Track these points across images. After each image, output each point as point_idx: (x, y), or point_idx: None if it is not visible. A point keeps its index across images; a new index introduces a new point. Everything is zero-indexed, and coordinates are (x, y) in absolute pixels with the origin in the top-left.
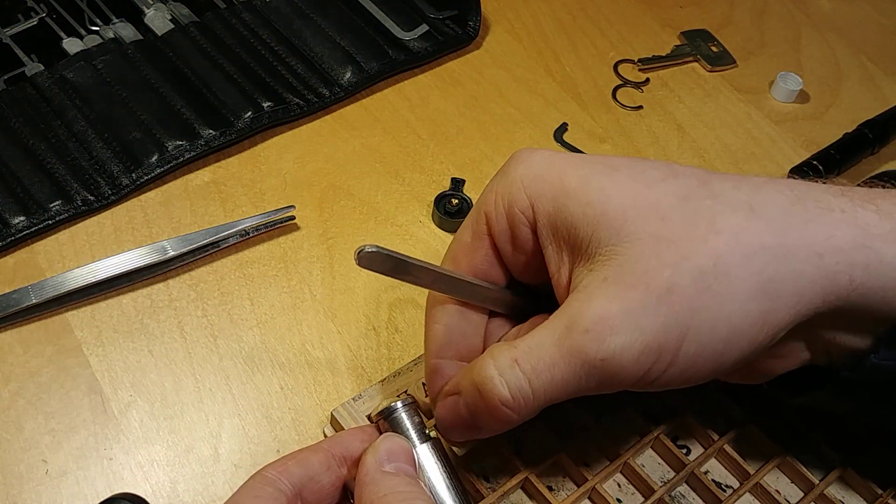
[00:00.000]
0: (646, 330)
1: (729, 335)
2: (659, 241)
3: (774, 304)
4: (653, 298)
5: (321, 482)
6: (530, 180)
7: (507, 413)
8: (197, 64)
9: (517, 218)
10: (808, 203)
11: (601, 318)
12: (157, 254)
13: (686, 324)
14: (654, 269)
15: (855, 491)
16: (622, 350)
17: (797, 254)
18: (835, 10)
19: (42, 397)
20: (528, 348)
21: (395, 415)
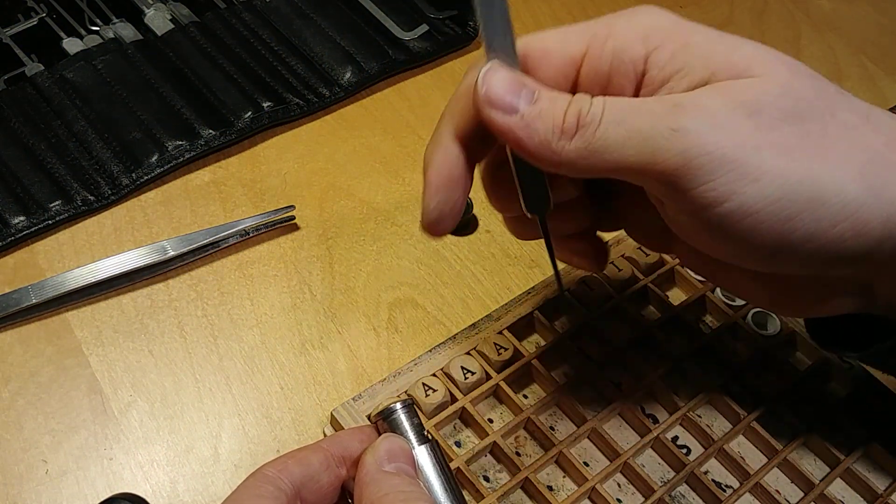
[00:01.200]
0: (732, 135)
1: (814, 199)
2: (785, 88)
3: (871, 201)
4: (751, 121)
5: (320, 482)
6: (653, 30)
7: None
8: (197, 64)
9: (624, 67)
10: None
11: (694, 101)
12: (157, 254)
13: (775, 163)
14: (767, 104)
15: (855, 490)
16: (699, 133)
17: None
18: (835, 10)
19: (42, 397)
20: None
21: (394, 416)
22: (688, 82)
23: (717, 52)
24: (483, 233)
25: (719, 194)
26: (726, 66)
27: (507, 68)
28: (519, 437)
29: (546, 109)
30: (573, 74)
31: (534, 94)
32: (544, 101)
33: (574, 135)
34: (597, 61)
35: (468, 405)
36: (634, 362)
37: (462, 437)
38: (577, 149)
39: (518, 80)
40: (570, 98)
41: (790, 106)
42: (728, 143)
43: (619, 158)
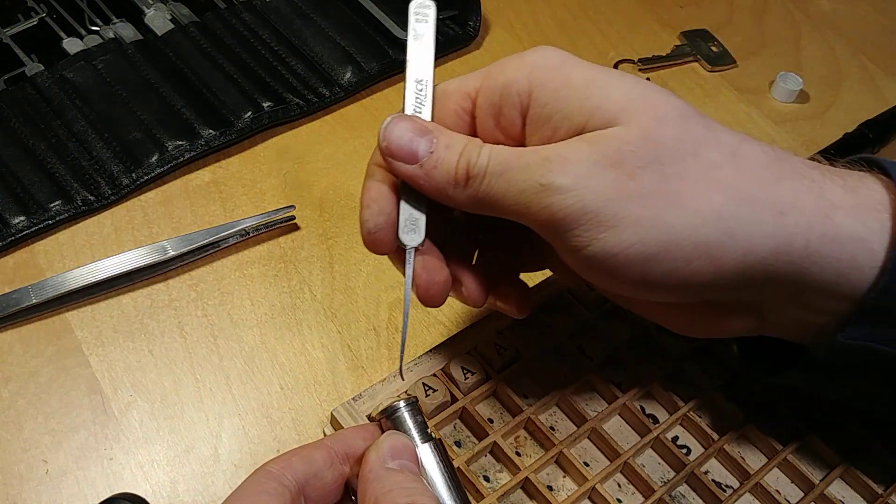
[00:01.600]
0: (591, 190)
1: (668, 243)
2: (646, 139)
3: (725, 240)
4: (614, 172)
5: (324, 479)
6: (538, 69)
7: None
8: (197, 64)
9: (511, 99)
10: (784, 166)
11: (560, 156)
12: (157, 254)
13: (631, 210)
14: (628, 154)
15: (855, 490)
16: (561, 189)
17: (761, 205)
18: (835, 10)
19: (42, 397)
20: (502, 149)
21: (397, 414)
22: (567, 126)
23: (592, 97)
24: None
25: (582, 241)
26: (598, 113)
27: (406, 119)
28: (519, 437)
29: (442, 159)
30: (470, 107)
31: (433, 141)
32: (441, 149)
33: (465, 184)
34: (489, 93)
35: (468, 405)
36: (634, 362)
37: (462, 437)
38: (468, 196)
39: (419, 127)
40: (463, 144)
41: (650, 153)
42: (588, 196)
43: (502, 207)
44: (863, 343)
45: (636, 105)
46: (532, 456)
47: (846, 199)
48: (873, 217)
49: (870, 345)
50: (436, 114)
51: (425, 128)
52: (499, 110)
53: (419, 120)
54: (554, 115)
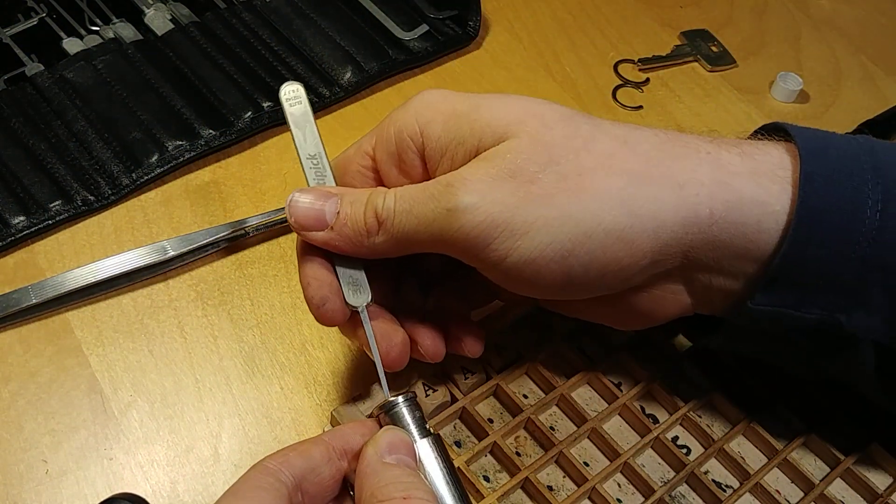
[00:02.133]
0: (496, 202)
1: (580, 236)
2: (536, 143)
3: (632, 222)
4: (514, 182)
5: (322, 474)
6: (423, 109)
7: (372, 223)
8: (197, 64)
9: (406, 143)
10: (677, 144)
11: (461, 178)
12: (157, 254)
13: (538, 213)
14: (523, 161)
15: (855, 490)
16: (468, 209)
17: (659, 182)
18: (835, 9)
19: (42, 397)
20: (404, 188)
21: (395, 409)
22: (463, 151)
23: (480, 118)
24: None
25: (500, 254)
26: (489, 130)
27: (308, 190)
28: (519, 437)
29: (350, 214)
30: (372, 164)
31: (337, 202)
32: (346, 206)
33: (378, 230)
34: (385, 145)
35: (468, 405)
36: (634, 362)
37: (462, 437)
38: (385, 241)
39: (320, 193)
40: (367, 195)
41: (544, 156)
42: (495, 209)
43: (419, 241)
44: (772, 308)
45: (522, 116)
46: (532, 456)
47: (743, 164)
48: (771, 180)
49: (779, 310)
50: (340, 180)
51: (328, 192)
52: (398, 158)
53: (320, 188)
54: (448, 145)
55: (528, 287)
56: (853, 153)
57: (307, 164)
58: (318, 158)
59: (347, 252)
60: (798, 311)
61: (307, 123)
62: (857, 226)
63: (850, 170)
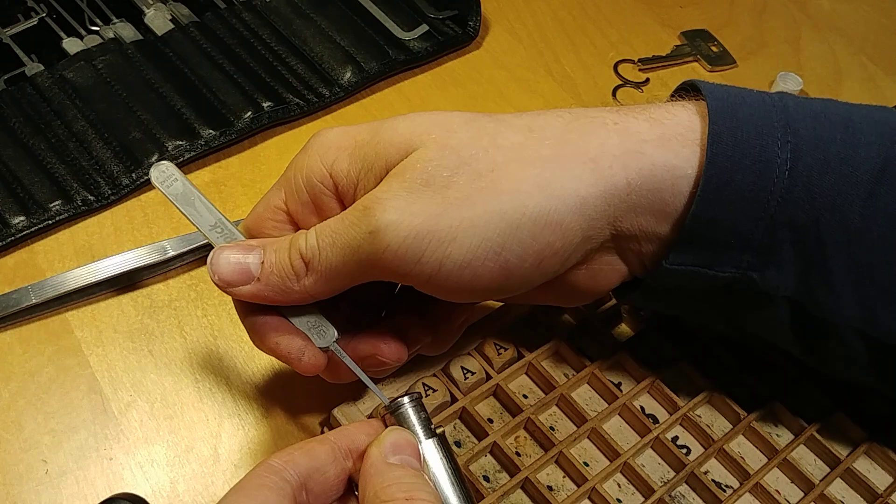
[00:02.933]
0: (417, 214)
1: (507, 229)
2: (443, 148)
3: (555, 204)
4: (429, 190)
5: (326, 474)
6: (326, 149)
7: (299, 264)
8: (197, 64)
9: (318, 189)
10: (583, 120)
11: (377, 198)
12: (157, 254)
13: (462, 216)
14: (434, 169)
15: (855, 490)
16: (390, 227)
17: (572, 161)
18: (835, 9)
19: (42, 397)
20: (324, 223)
21: (401, 409)
22: (373, 176)
23: (383, 140)
24: None
25: (433, 265)
26: (394, 149)
27: (227, 247)
28: (519, 437)
29: (275, 262)
30: (286, 216)
31: (260, 252)
32: (270, 254)
33: (306, 272)
34: (297, 195)
35: (468, 405)
36: (634, 362)
37: (462, 438)
38: (315, 281)
39: (241, 247)
40: (289, 239)
41: (453, 160)
42: (416, 222)
43: (346, 273)
44: (685, 268)
45: (424, 128)
46: (532, 456)
47: (651, 131)
48: (681, 143)
49: (693, 269)
50: (258, 237)
51: (248, 245)
52: (314, 206)
53: (240, 242)
54: (359, 175)
55: (469, 293)
56: (765, 111)
57: (212, 235)
58: (220, 226)
59: (278, 302)
60: (712, 270)
61: (193, 198)
62: (766, 185)
63: (759, 128)
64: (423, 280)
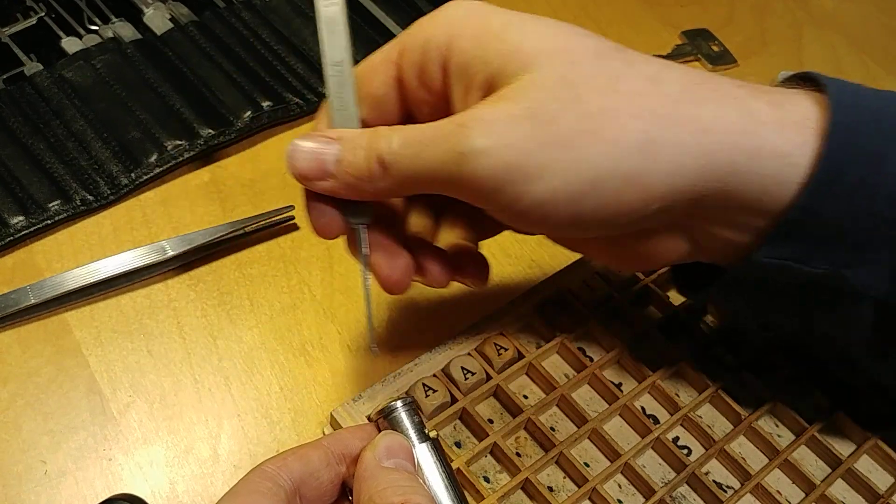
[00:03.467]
0: (512, 146)
1: (595, 180)
2: (560, 80)
3: (650, 166)
4: (532, 122)
5: (320, 479)
6: (454, 19)
7: (376, 168)
8: (196, 63)
9: (431, 53)
10: (708, 86)
11: (476, 118)
12: (156, 254)
13: (555, 157)
14: (544, 100)
15: (857, 491)
16: (482, 153)
17: (683, 126)
18: (836, 9)
19: (41, 397)
20: (411, 129)
21: (394, 414)
22: (484, 75)
23: (510, 40)
24: None
25: (511, 198)
26: (515, 56)
27: (307, 139)
28: (519, 437)
29: (352, 162)
30: (396, 73)
31: (338, 148)
32: (348, 152)
33: (382, 175)
34: (411, 54)
35: (468, 405)
36: (634, 362)
37: (462, 438)
38: (389, 185)
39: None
40: (368, 139)
41: (567, 94)
42: (510, 152)
43: (422, 184)
44: (778, 261)
45: (551, 48)
46: (532, 456)
47: (771, 114)
48: (796, 131)
49: (785, 263)
50: (363, 89)
51: (327, 137)
52: (421, 68)
53: (318, 135)
54: (472, 61)
55: (534, 227)
56: (881, 107)
57: (330, 71)
58: (342, 66)
59: (350, 197)
60: (805, 266)
61: (337, 27)
62: (876, 180)
63: (878, 122)
64: (494, 207)
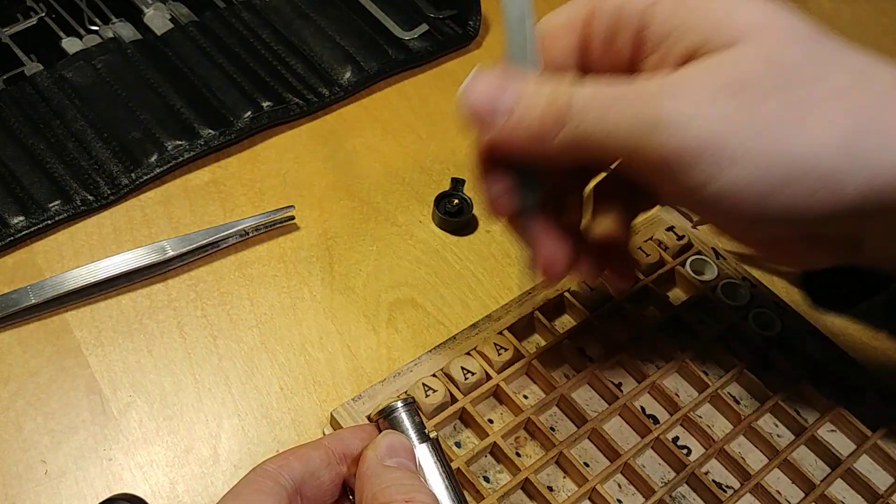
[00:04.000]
0: (712, 121)
1: (790, 176)
2: (769, 59)
3: (848, 167)
4: (736, 100)
5: (321, 478)
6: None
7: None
8: (196, 64)
9: (627, 19)
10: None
11: (676, 83)
12: (156, 254)
13: (755, 142)
14: (752, 80)
15: (856, 491)
16: (677, 126)
17: (888, 128)
18: (836, 9)
19: (41, 397)
20: (601, 87)
21: (395, 414)
22: (685, 44)
23: (716, 11)
24: (483, 233)
25: (700, 180)
26: (720, 30)
27: (488, 74)
28: (519, 437)
29: (530, 107)
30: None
31: (518, 89)
32: (529, 96)
33: (561, 129)
34: (601, 19)
35: (468, 405)
36: (634, 362)
37: (462, 438)
38: (564, 143)
39: (500, 84)
40: (553, 85)
41: (775, 78)
42: (708, 130)
43: (605, 149)
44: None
45: (760, 26)
46: (532, 456)
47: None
48: None
49: None
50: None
51: (508, 77)
52: (612, 34)
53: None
54: (672, 31)
55: (714, 215)
56: None
57: (512, 27)
58: (523, 22)
59: (513, 153)
60: None
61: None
62: None
63: None
64: (676, 188)
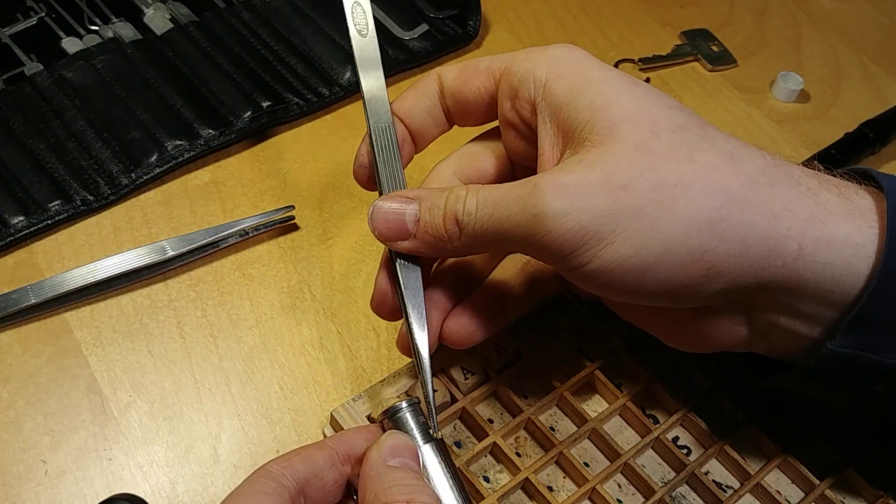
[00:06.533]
0: (587, 210)
1: (663, 252)
2: (640, 149)
3: (718, 244)
4: (607, 188)
5: (324, 479)
6: (560, 61)
7: (452, 228)
8: (196, 63)
9: (527, 85)
10: (781, 171)
11: (552, 181)
12: (156, 254)
13: (627, 224)
14: (622, 167)
15: (856, 492)
16: (556, 215)
17: (755, 206)
18: (836, 9)
19: (41, 397)
20: (486, 190)
21: (399, 414)
22: (574, 118)
23: (604, 95)
24: None
25: (581, 260)
26: (604, 113)
27: (387, 199)
28: (519, 437)
29: (429, 222)
30: (492, 87)
31: (416, 208)
32: (425, 212)
33: (459, 235)
34: (510, 77)
35: (468, 405)
36: (634, 363)
37: (462, 438)
38: (464, 244)
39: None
40: (444, 200)
41: (643, 162)
42: (583, 217)
43: (498, 244)
44: (852, 351)
45: (637, 116)
46: (532, 456)
47: (840, 205)
48: (867, 224)
49: (858, 353)
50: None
51: (406, 197)
52: (515, 94)
53: (397, 195)
54: (563, 106)
55: (597, 289)
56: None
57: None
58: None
59: (430, 255)
60: (877, 356)
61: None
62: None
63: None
64: (564, 267)
